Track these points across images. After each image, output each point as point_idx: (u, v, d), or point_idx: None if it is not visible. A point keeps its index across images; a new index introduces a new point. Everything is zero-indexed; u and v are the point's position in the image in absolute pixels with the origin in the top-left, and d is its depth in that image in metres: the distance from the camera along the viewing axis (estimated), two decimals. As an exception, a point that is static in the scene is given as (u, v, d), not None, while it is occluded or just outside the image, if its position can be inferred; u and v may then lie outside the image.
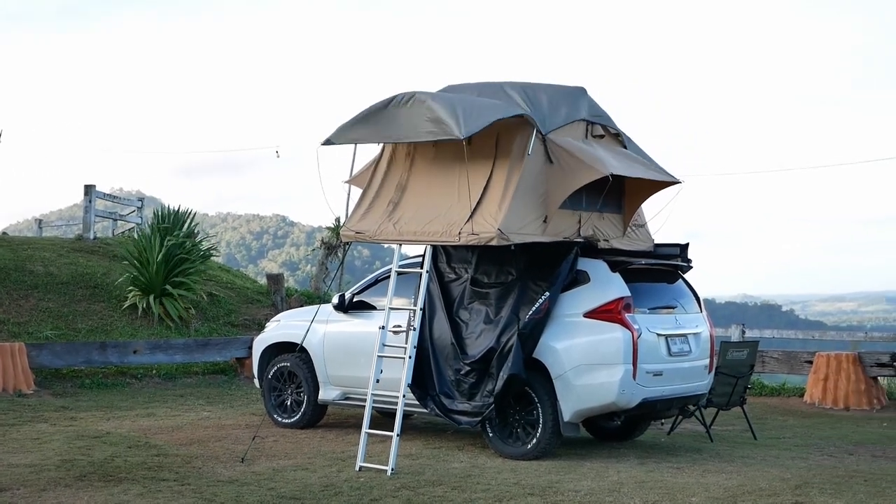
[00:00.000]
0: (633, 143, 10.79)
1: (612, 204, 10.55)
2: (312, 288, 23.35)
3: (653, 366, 9.89)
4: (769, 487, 8.66)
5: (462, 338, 10.14)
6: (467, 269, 10.40)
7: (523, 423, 9.99)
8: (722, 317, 58.66)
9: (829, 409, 14.80)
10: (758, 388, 16.37)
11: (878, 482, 8.99)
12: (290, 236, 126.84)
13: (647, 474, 9.18)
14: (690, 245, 10.86)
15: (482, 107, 9.64)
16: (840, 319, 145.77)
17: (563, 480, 8.81)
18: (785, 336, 18.96)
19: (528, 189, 9.65)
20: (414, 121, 9.53)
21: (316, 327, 11.43)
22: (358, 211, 10.46)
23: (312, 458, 9.86)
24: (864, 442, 11.68)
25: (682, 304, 10.74)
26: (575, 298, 9.92)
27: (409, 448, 10.31)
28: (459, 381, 10.03)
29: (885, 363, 15.03)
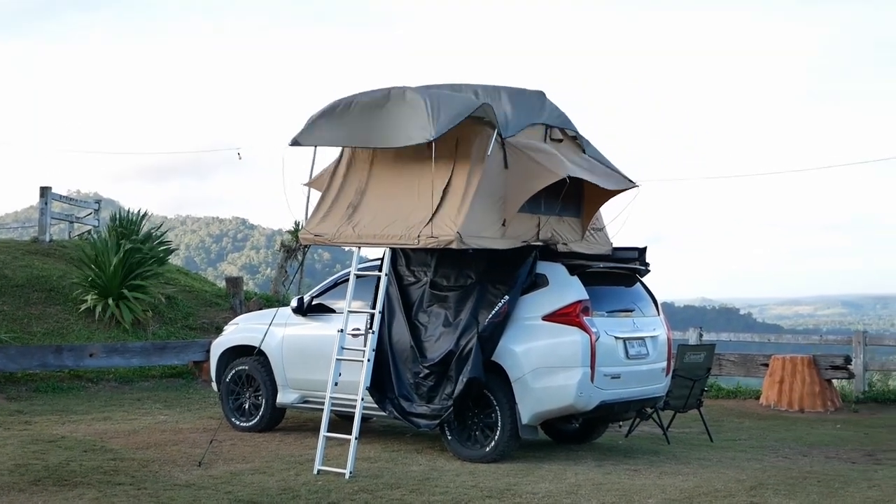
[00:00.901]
0: (591, 146, 10.86)
1: (570, 207, 10.61)
2: (272, 291, 23.26)
3: (611, 369, 9.95)
4: (725, 489, 8.74)
5: (421, 341, 10.14)
6: (426, 273, 10.41)
7: (482, 425, 10.01)
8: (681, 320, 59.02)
9: (785, 411, 14.96)
10: (714, 391, 16.53)
11: (831, 483, 9.11)
12: (250, 239, 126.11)
13: (604, 476, 9.23)
14: (650, 249, 10.96)
15: (453, 101, 9.60)
16: (797, 323, 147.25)
17: (521, 483, 8.84)
18: (742, 339, 19.10)
19: (488, 192, 9.68)
20: (388, 122, 9.53)
21: (274, 330, 11.38)
22: (317, 214, 10.43)
23: (270, 461, 9.81)
24: (818, 443, 11.82)
25: (640, 307, 10.81)
26: (534, 302, 9.96)
27: (367, 451, 10.30)
28: (418, 384, 10.03)
29: (840, 366, 15.23)
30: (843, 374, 15.35)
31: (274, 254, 24.24)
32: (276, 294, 22.38)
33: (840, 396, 15.47)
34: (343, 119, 9.84)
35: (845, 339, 16.69)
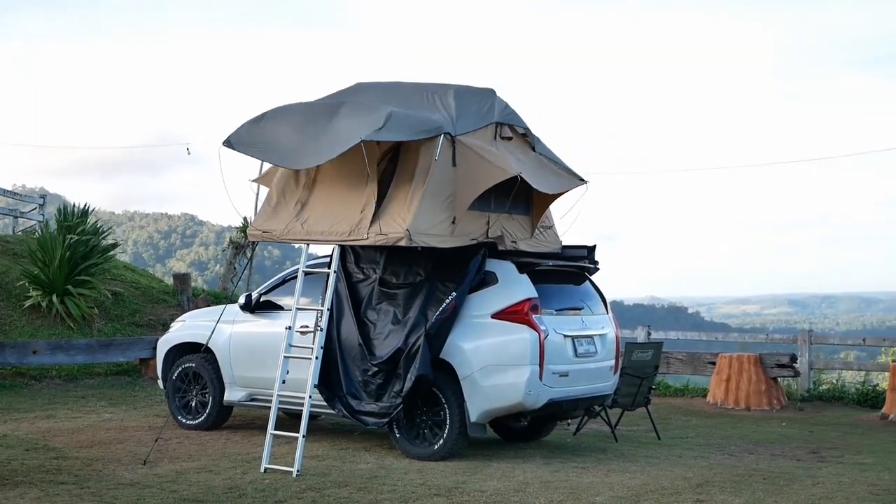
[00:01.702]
0: (541, 143, 10.87)
1: (520, 205, 10.61)
2: (220, 288, 23.06)
3: (559, 367, 9.97)
4: (672, 486, 8.79)
5: (370, 338, 10.09)
6: (375, 270, 10.36)
7: (430, 423, 9.98)
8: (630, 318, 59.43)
9: (731, 409, 15.10)
10: (662, 389, 16.65)
11: (776, 480, 9.20)
12: (198, 236, 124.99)
13: (552, 474, 9.25)
14: (600, 247, 11.00)
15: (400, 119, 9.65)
16: (744, 322, 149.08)
17: (470, 481, 8.83)
18: (689, 338, 19.29)
19: (437, 190, 9.66)
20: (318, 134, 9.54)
21: (222, 327, 11.27)
22: (265, 210, 10.35)
23: (217, 459, 9.71)
24: (763, 441, 11.94)
25: (589, 305, 10.85)
26: (483, 299, 9.95)
27: (315, 449, 10.23)
28: (367, 382, 9.99)
29: (785, 364, 15.41)
30: (789, 373, 15.53)
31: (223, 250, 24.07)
32: (224, 291, 22.19)
33: (786, 394, 15.64)
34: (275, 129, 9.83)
35: (791, 338, 16.89)
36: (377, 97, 10.22)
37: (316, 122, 9.72)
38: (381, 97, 10.21)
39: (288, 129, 9.81)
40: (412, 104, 10.12)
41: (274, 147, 9.81)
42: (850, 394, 15.88)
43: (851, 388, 16.38)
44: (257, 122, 9.97)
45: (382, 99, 10.17)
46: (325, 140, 9.53)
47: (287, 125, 9.86)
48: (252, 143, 9.91)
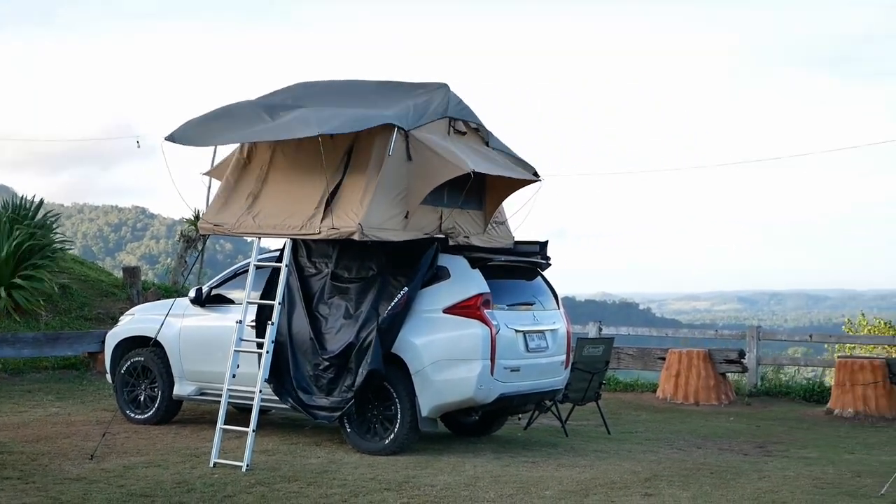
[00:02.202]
0: (494, 138, 10.89)
1: (473, 201, 10.63)
2: (170, 281, 22.85)
3: (510, 361, 10.00)
4: (620, 480, 8.86)
5: (321, 333, 10.06)
6: (328, 264, 10.32)
7: (381, 418, 9.97)
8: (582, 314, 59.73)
9: (681, 404, 15.25)
10: (613, 384, 16.77)
11: (723, 474, 9.31)
12: (149, 229, 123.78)
13: (502, 469, 9.28)
14: (553, 243, 11.04)
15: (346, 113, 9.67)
16: (694, 318, 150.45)
17: (420, 475, 8.84)
18: (640, 333, 19.41)
19: (390, 184, 9.64)
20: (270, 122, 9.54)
21: (171, 321, 11.17)
22: (216, 203, 10.28)
23: (165, 454, 9.63)
24: (711, 436, 12.07)
25: (541, 300, 10.89)
26: (435, 294, 9.96)
27: (265, 444, 10.18)
28: (318, 376, 9.95)
29: (734, 360, 15.58)
30: (737, 368, 15.70)
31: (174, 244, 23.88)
32: (174, 284, 21.98)
33: (734, 390, 15.82)
34: (222, 120, 9.80)
35: (739, 334, 17.06)
36: (327, 94, 10.20)
37: (265, 117, 9.69)
38: (331, 94, 10.19)
39: (235, 123, 9.78)
40: (364, 101, 10.11)
41: (220, 131, 9.78)
42: (796, 389, 16.08)
43: (798, 383, 16.59)
44: (204, 119, 9.92)
45: (333, 96, 10.15)
46: (278, 126, 9.50)
47: (235, 120, 9.82)
48: (196, 136, 9.87)
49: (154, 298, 18.09)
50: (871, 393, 13.93)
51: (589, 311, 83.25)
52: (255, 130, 9.67)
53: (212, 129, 9.90)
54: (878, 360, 14.57)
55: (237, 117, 9.89)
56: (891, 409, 13.85)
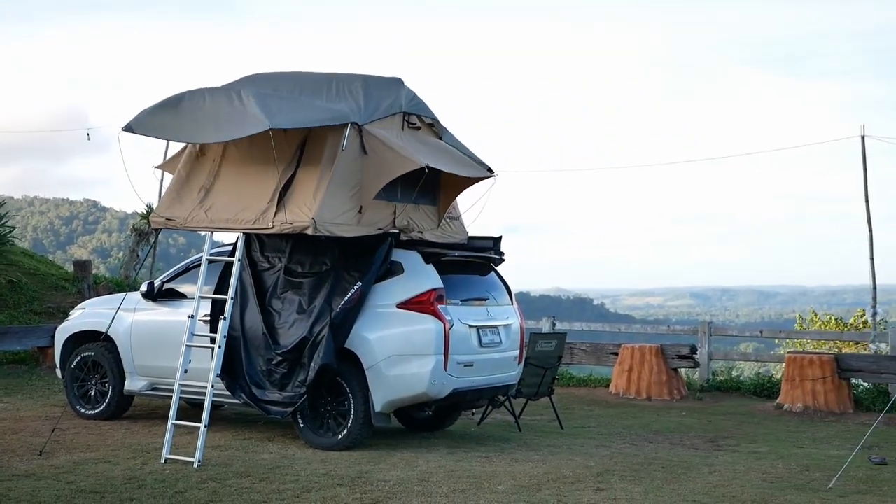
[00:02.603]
0: (448, 133, 10.89)
1: (427, 196, 10.62)
2: (122, 276, 22.63)
3: (464, 356, 10.01)
4: (573, 475, 8.91)
5: (274, 327, 10.01)
6: (281, 259, 10.27)
7: (334, 413, 9.94)
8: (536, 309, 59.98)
9: (633, 398, 15.36)
10: (566, 379, 16.85)
11: (674, 468, 9.39)
12: (101, 222, 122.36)
13: (455, 463, 9.29)
14: (508, 239, 11.07)
15: (299, 107, 9.60)
16: (648, 313, 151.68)
17: (373, 471, 8.83)
18: (593, 329, 19.54)
19: (343, 179, 9.61)
20: (222, 117, 9.44)
21: (123, 316, 11.07)
22: (168, 197, 10.19)
23: (116, 450, 9.54)
24: (663, 430, 12.17)
25: (494, 296, 10.92)
26: (388, 289, 9.94)
27: (217, 439, 10.11)
28: (271, 371, 9.90)
29: (686, 355, 15.71)
30: (689, 363, 15.84)
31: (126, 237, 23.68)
32: (126, 279, 21.78)
33: (686, 385, 15.96)
34: (177, 111, 9.68)
35: (691, 330, 17.22)
36: (282, 87, 10.13)
37: (221, 106, 9.59)
38: (285, 87, 10.13)
39: (191, 112, 9.67)
40: (318, 94, 10.06)
41: (176, 127, 9.67)
42: (747, 384, 16.26)
43: (749, 378, 16.78)
44: (159, 106, 9.80)
45: (287, 89, 10.09)
46: (230, 122, 9.42)
47: (190, 108, 9.70)
48: (153, 126, 9.75)
49: (105, 293, 17.93)
50: (819, 388, 14.12)
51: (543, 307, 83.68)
52: (208, 130, 9.54)
53: (167, 124, 9.75)
54: (826, 355, 14.77)
55: (191, 113, 9.73)
56: (839, 404, 14.05)
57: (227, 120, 9.42)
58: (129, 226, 24.78)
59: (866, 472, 9.32)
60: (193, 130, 9.65)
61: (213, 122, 9.50)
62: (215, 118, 9.51)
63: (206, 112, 9.60)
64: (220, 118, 9.48)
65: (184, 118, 9.65)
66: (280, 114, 9.38)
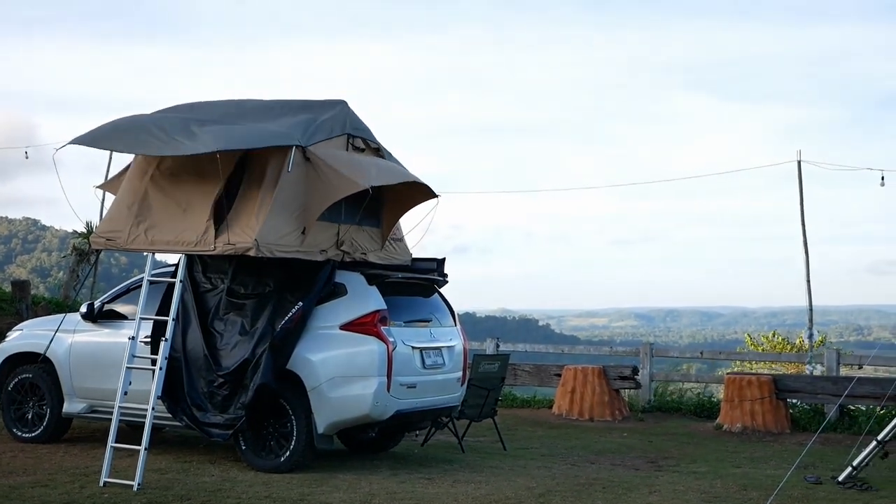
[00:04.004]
0: (392, 158, 10.93)
1: (370, 217, 10.64)
2: (62, 296, 22.32)
3: (407, 378, 10.02)
4: (515, 496, 8.95)
5: (216, 349, 9.95)
6: (223, 280, 10.22)
7: (277, 435, 9.89)
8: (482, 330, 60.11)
9: (576, 419, 15.46)
10: (510, 400, 16.92)
11: (615, 489, 9.47)
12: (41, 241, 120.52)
13: (398, 485, 9.29)
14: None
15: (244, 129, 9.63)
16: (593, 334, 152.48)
17: (315, 493, 8.79)
18: (537, 350, 19.64)
19: (287, 200, 9.60)
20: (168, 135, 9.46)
21: (61, 337, 10.94)
22: (109, 217, 10.13)
23: (53, 474, 9.40)
24: (605, 451, 12.26)
25: (438, 317, 10.96)
26: (331, 311, 9.94)
27: (158, 462, 10.01)
28: (213, 394, 9.84)
29: (627, 376, 15.86)
30: (631, 384, 15.98)
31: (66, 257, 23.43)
32: (66, 299, 21.48)
33: (627, 405, 16.10)
34: (130, 127, 9.69)
35: (633, 351, 17.39)
36: (224, 112, 10.13)
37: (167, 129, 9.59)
38: (228, 112, 10.12)
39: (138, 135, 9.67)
40: (261, 118, 10.07)
41: (127, 140, 9.67)
42: (688, 405, 16.44)
43: (690, 399, 16.96)
44: (110, 124, 9.80)
45: (230, 114, 10.09)
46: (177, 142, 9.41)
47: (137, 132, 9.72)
48: (103, 138, 9.75)
49: (45, 313, 17.66)
50: (758, 408, 14.33)
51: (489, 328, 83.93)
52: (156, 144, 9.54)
53: (112, 138, 9.76)
54: (764, 376, 14.99)
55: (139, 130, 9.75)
56: (777, 424, 14.26)
57: (175, 142, 9.42)
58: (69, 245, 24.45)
59: (802, 491, 9.47)
60: (142, 145, 9.61)
61: (165, 136, 9.49)
62: (164, 138, 9.50)
63: (153, 132, 9.60)
64: (170, 134, 9.48)
65: (135, 133, 9.65)
66: (227, 137, 9.38)
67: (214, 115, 10.09)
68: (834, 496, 9.32)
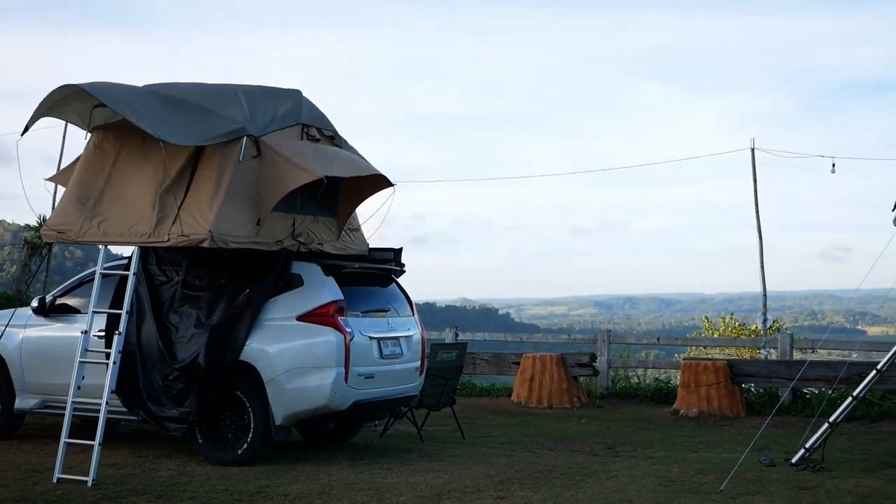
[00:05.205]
0: (347, 145, 10.87)
1: (326, 208, 10.58)
2: (13, 290, 22.03)
3: (365, 368, 10.00)
4: (474, 484, 8.96)
5: (171, 342, 9.87)
6: (178, 272, 10.13)
7: (234, 428, 9.83)
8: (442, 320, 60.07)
9: (535, 407, 15.50)
10: (469, 389, 16.94)
11: (573, 475, 9.51)
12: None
13: (357, 476, 9.27)
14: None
15: (196, 119, 9.52)
16: (552, 322, 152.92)
17: (273, 485, 8.75)
18: (496, 338, 19.68)
19: (241, 190, 9.52)
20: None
21: (12, 332, 10.80)
22: (60, 209, 9.97)
23: (5, 471, 9.28)
24: (563, 438, 12.31)
25: (395, 307, 10.94)
26: (288, 302, 9.88)
27: (113, 457, 9.91)
28: (168, 387, 9.76)
29: (585, 363, 15.93)
30: (589, 371, 16.05)
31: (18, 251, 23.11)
32: (18, 294, 21.20)
33: (586, 392, 16.17)
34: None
35: (591, 338, 17.46)
36: (177, 97, 10.00)
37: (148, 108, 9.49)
38: (181, 97, 9.99)
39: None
40: (214, 104, 9.94)
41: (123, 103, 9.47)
42: (645, 391, 16.55)
43: (648, 385, 17.08)
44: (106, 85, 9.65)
45: (183, 99, 9.96)
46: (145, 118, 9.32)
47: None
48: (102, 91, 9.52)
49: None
50: (713, 393, 14.45)
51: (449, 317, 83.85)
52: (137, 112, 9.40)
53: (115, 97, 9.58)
54: (720, 361, 15.12)
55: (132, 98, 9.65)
56: (732, 409, 14.39)
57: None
58: (22, 239, 24.13)
59: (756, 474, 9.56)
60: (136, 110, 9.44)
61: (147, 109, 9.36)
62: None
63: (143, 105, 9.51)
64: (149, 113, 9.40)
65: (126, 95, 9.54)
66: (181, 129, 9.27)
67: (171, 99, 9.91)
68: (787, 478, 9.43)
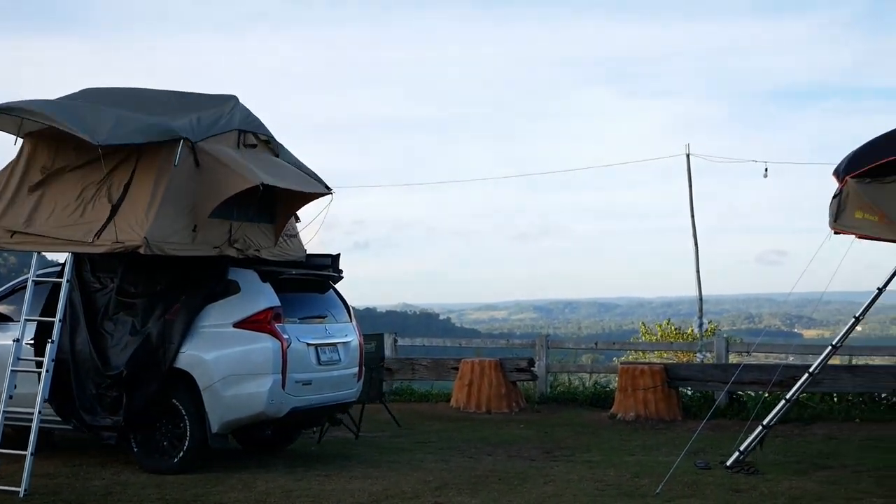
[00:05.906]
0: (285, 150, 10.84)
1: (263, 214, 10.53)
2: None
3: (302, 375, 9.98)
4: (411, 490, 8.98)
5: (106, 350, 9.77)
6: (113, 279, 10.02)
7: (170, 436, 9.75)
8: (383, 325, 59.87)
9: (473, 412, 15.55)
10: (408, 395, 16.98)
11: (511, 480, 9.57)
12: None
13: (294, 483, 9.24)
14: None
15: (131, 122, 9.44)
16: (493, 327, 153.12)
17: (209, 493, 8.70)
18: (436, 344, 19.70)
19: (177, 196, 9.44)
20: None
21: (-59, 341, 10.58)
22: (-8, 216, 9.79)
23: (-65, 482, 9.11)
24: (502, 443, 12.37)
25: (333, 313, 10.93)
26: (225, 309, 9.83)
27: (46, 467, 9.77)
28: (102, 396, 9.66)
29: (524, 368, 16.01)
30: (527, 376, 16.13)
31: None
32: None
33: (524, 397, 16.25)
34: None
35: (530, 343, 17.56)
36: (111, 102, 9.91)
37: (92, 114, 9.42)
38: (115, 102, 9.90)
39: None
40: (150, 110, 9.87)
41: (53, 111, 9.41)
42: (583, 395, 16.68)
43: (586, 389, 17.20)
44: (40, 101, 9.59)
45: (118, 104, 9.87)
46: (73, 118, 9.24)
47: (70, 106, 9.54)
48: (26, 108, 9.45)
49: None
50: (650, 397, 14.61)
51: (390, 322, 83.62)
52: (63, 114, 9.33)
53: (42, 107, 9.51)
54: (656, 365, 15.30)
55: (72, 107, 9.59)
56: (668, 412, 14.57)
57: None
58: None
59: (692, 477, 9.70)
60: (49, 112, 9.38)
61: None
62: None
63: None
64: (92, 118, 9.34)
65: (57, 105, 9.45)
66: (111, 130, 9.18)
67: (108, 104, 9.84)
68: (722, 480, 9.58)
